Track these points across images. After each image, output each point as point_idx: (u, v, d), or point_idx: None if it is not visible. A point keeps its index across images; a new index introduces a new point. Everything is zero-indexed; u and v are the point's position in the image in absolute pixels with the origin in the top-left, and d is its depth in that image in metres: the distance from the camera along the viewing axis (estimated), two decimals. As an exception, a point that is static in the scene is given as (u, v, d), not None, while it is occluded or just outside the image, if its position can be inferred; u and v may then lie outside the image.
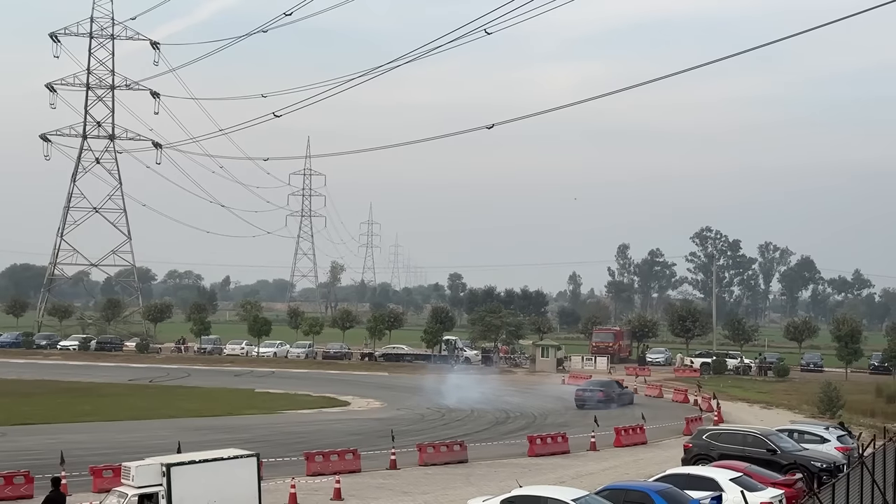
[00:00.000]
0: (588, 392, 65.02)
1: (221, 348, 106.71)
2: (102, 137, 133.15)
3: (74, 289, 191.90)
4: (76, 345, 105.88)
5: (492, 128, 40.88)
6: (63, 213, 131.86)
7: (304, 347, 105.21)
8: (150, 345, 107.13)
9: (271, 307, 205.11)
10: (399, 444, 41.16)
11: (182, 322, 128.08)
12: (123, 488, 24.08)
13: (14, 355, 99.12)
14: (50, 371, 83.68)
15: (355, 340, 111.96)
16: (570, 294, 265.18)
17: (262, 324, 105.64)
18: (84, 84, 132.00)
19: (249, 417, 56.91)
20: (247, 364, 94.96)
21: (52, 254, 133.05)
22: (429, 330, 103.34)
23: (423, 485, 35.42)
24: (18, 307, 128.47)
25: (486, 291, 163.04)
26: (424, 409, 61.63)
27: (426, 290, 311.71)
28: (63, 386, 70.96)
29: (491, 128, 40.86)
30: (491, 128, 40.86)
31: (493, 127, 40.94)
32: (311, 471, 36.99)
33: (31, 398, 62.99)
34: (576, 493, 25.56)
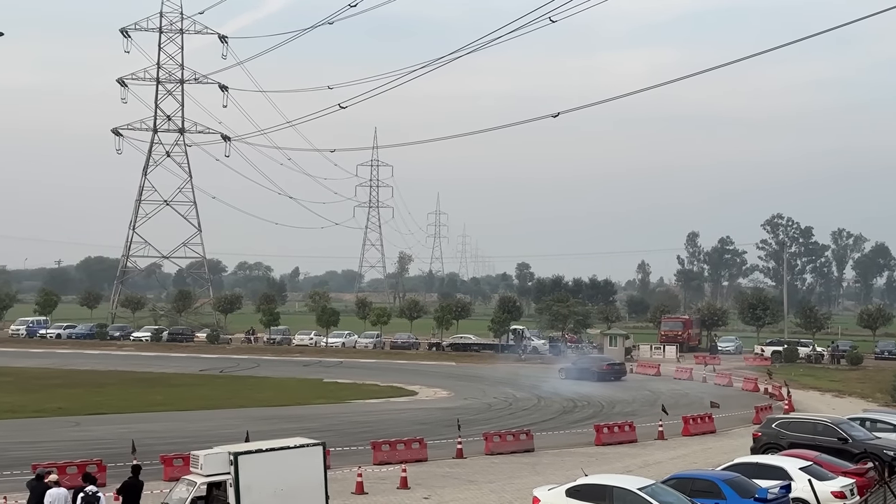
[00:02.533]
0: (572, 366, 75.34)
1: (290, 339, 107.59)
2: (172, 131, 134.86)
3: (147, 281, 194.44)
4: (148, 336, 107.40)
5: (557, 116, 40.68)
6: (135, 207, 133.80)
7: (372, 337, 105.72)
8: (221, 335, 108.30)
9: (340, 298, 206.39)
10: (465, 434, 41.21)
11: (252, 313, 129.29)
12: (192, 476, 24.34)
13: (88, 346, 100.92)
14: (123, 362, 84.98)
15: (423, 330, 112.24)
16: (638, 283, 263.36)
17: (330, 314, 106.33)
18: (154, 78, 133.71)
19: (317, 407, 57.33)
20: (315, 354, 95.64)
21: (125, 246, 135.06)
22: (496, 319, 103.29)
23: (490, 473, 35.43)
24: (92, 299, 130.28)
25: (553, 281, 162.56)
26: (491, 399, 61.62)
27: (494, 280, 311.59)
28: (135, 376, 72.02)
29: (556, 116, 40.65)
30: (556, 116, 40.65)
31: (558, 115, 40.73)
32: (378, 460, 37.17)
33: (104, 388, 64.03)
34: (642, 481, 25.40)
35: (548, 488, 26.90)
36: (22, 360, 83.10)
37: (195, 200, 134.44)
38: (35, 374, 71.55)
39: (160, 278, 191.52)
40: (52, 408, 53.37)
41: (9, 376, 69.41)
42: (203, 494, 24.24)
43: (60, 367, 77.68)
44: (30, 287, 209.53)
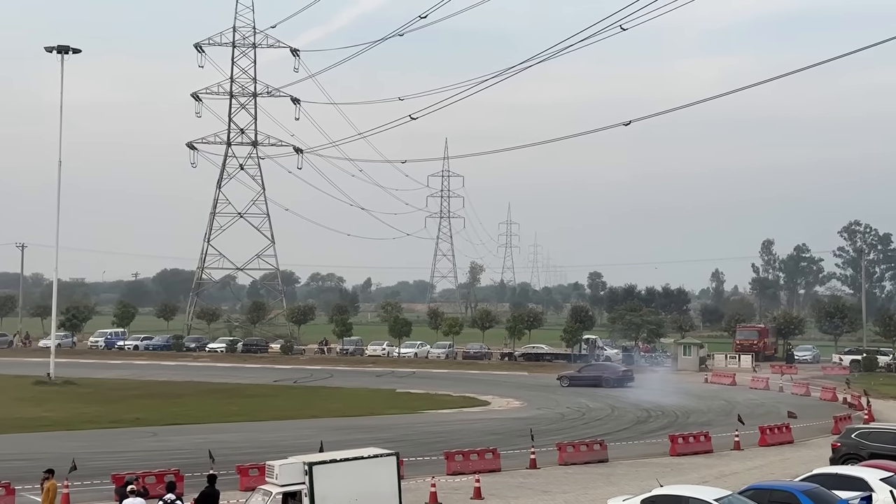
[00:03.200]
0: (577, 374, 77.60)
1: (363, 349, 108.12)
2: (246, 144, 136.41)
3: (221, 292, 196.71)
4: (223, 347, 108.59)
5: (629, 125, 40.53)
6: (209, 219, 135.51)
7: (445, 348, 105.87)
8: (294, 346, 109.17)
9: (412, 308, 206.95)
10: (539, 444, 41.07)
11: (325, 324, 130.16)
12: (268, 486, 24.54)
13: (165, 357, 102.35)
14: (199, 373, 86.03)
15: (495, 340, 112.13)
16: (712, 291, 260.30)
17: (402, 325, 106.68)
18: (227, 92, 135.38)
19: (390, 417, 57.52)
20: (388, 364, 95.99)
21: (200, 259, 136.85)
22: (568, 329, 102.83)
23: (563, 484, 35.25)
24: (169, 311, 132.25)
25: (626, 290, 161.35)
26: (564, 409, 61.35)
27: (566, 290, 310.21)
28: (211, 387, 72.86)
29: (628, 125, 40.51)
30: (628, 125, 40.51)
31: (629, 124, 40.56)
32: (451, 470, 37.17)
33: (180, 399, 64.86)
34: (718, 492, 25.08)
35: (622, 499, 26.69)
36: (101, 371, 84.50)
37: (268, 212, 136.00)
38: (113, 385, 72.74)
39: (235, 290, 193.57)
40: (130, 418, 54.20)
41: (88, 387, 70.67)
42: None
43: (138, 379, 78.87)
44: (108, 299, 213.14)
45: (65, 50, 76.13)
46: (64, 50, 76.11)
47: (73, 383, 71.89)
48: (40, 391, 67.97)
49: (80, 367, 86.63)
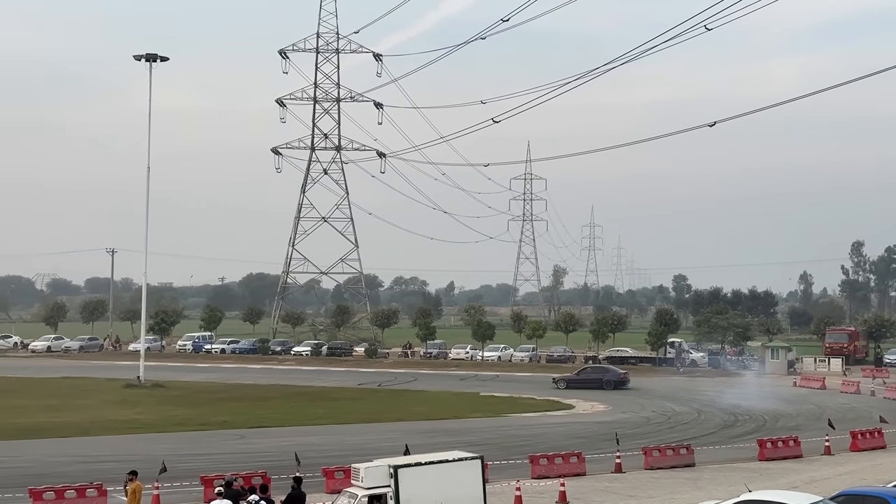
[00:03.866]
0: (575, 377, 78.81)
1: (447, 352, 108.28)
2: (329, 149, 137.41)
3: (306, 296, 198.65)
4: (308, 350, 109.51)
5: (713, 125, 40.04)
6: (294, 224, 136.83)
7: (528, 351, 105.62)
8: (378, 350, 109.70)
9: (495, 311, 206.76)
10: (624, 448, 40.77)
11: (408, 327, 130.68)
12: (354, 489, 24.68)
13: (251, 361, 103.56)
14: (284, 376, 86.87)
15: (579, 343, 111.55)
16: (800, 294, 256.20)
17: (485, 328, 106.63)
18: (311, 98, 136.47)
19: (474, 420, 57.51)
20: (471, 368, 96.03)
21: (285, 263, 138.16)
22: (653, 332, 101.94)
23: (649, 488, 34.93)
24: (254, 315, 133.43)
25: (711, 292, 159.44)
26: (650, 413, 60.82)
27: (650, 293, 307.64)
28: (296, 390, 73.51)
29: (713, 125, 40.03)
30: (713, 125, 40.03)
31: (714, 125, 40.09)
32: (536, 473, 37.05)
33: (266, 402, 65.54)
34: (809, 498, 24.65)
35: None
36: (189, 374, 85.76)
37: (352, 217, 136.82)
38: (201, 388, 73.76)
39: (319, 294, 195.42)
40: (217, 421, 54.92)
41: (177, 390, 71.77)
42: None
43: (225, 382, 79.87)
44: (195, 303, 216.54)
45: (153, 58, 77.39)
46: (152, 58, 77.38)
47: (162, 386, 73.09)
48: (130, 394, 69.21)
49: (169, 370, 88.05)
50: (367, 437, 48.47)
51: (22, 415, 56.09)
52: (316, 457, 39.11)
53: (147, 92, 77.07)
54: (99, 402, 63.37)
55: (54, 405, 61.11)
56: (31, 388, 72.29)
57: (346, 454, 40.18)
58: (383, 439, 46.64)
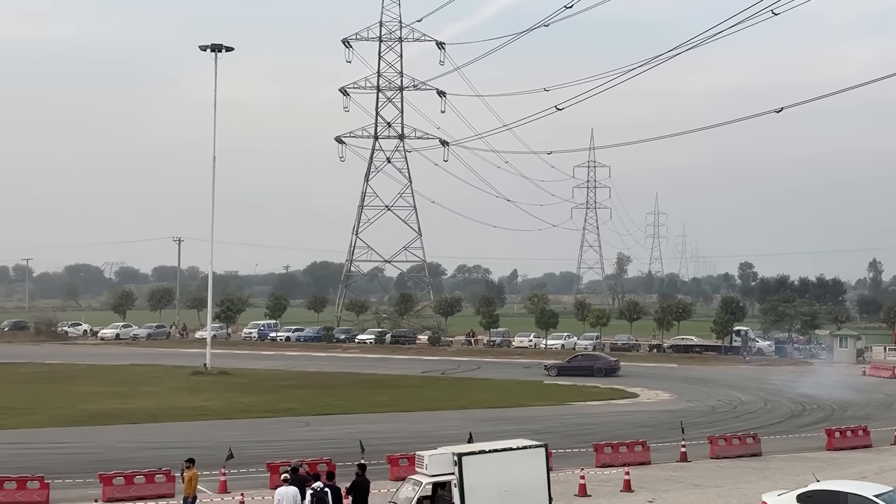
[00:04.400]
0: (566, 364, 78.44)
1: (510, 341, 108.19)
2: (392, 137, 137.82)
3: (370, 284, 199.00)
4: (372, 338, 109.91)
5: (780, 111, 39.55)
6: (358, 212, 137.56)
7: (592, 339, 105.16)
8: (442, 338, 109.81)
9: (558, 299, 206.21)
10: (689, 437, 40.52)
11: (471, 315, 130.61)
12: (418, 476, 24.81)
13: (316, 349, 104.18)
14: (348, 363, 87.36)
15: (643, 332, 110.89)
16: (869, 282, 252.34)
17: (549, 316, 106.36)
18: (374, 87, 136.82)
19: (538, 409, 57.44)
20: (535, 356, 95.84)
21: (349, 251, 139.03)
22: (719, 320, 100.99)
23: (715, 478, 34.69)
24: (319, 303, 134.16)
25: (778, 280, 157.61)
26: (715, 402, 60.31)
27: (715, 280, 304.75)
28: (361, 378, 73.88)
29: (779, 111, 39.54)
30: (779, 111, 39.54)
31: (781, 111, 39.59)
32: (600, 462, 36.95)
33: (331, 390, 65.96)
34: (879, 488, 24.33)
35: (777, 494, 26.12)
36: (254, 362, 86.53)
37: (415, 205, 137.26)
38: (267, 376, 74.41)
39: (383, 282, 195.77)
40: (283, 408, 55.41)
41: (243, 378, 72.47)
42: (428, 494, 24.67)
43: (290, 369, 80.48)
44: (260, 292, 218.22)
45: (218, 48, 77.91)
46: (217, 48, 77.90)
47: (228, 374, 73.84)
48: (197, 381, 70.00)
49: (235, 357, 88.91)
50: (431, 425, 48.65)
51: (92, 401, 57.06)
52: (380, 444, 39.32)
53: (212, 82, 77.93)
54: (166, 389, 64.21)
55: (123, 392, 62.03)
56: (100, 374, 73.44)
57: (410, 442, 40.38)
58: (447, 427, 46.77)
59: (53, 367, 79.08)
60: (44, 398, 58.41)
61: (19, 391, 62.05)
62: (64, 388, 64.22)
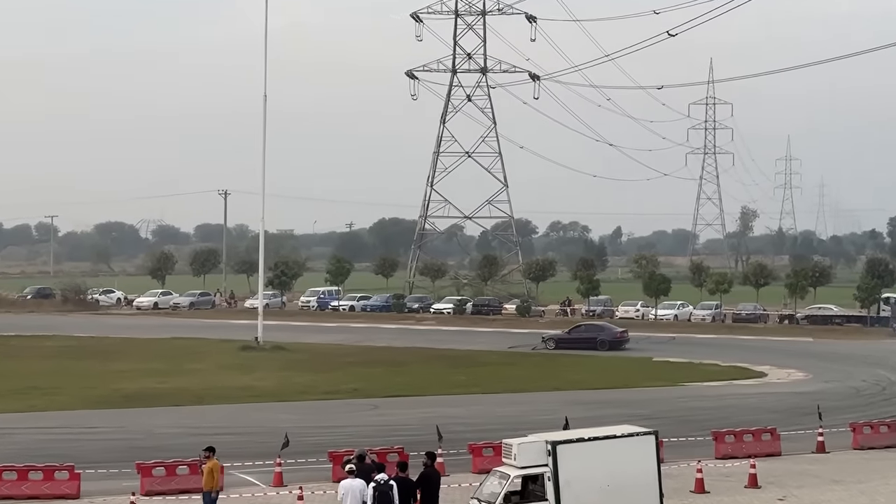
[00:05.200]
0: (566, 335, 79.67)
1: (613, 310, 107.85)
2: (473, 71, 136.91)
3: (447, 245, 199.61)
4: (450, 308, 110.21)
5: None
6: (433, 160, 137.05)
7: (710, 309, 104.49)
8: (532, 307, 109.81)
9: (670, 262, 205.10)
10: (827, 423, 40.12)
11: (567, 281, 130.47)
12: (505, 468, 24.88)
13: (384, 320, 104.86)
14: (423, 337, 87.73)
15: (771, 300, 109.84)
16: None
17: (659, 281, 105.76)
18: (452, 11, 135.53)
19: (646, 390, 57.29)
20: (642, 328, 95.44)
21: (423, 206, 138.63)
22: (863, 286, 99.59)
23: (859, 472, 34.35)
24: (388, 267, 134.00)
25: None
26: (859, 382, 59.64)
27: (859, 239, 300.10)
28: (437, 354, 74.18)
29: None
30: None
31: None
32: (721, 453, 36.78)
33: (403, 367, 66.38)
34: None
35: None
36: (313, 335, 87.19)
37: (500, 151, 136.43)
38: (328, 351, 75.05)
39: (462, 242, 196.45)
40: (347, 389, 55.88)
41: (300, 353, 73.17)
42: (517, 489, 24.76)
43: (355, 344, 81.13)
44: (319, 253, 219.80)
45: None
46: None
47: (283, 349, 74.61)
48: (247, 357, 70.86)
49: (291, 330, 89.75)
50: (520, 409, 48.76)
51: (127, 380, 58.07)
52: (461, 431, 39.53)
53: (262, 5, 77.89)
54: (212, 367, 65.12)
55: (162, 370, 63.04)
56: (136, 350, 74.69)
57: (495, 428, 40.48)
58: (538, 411, 46.89)
59: (82, 341, 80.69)
60: (72, 376, 59.61)
61: (44, 368, 63.36)
62: (95, 364, 65.44)
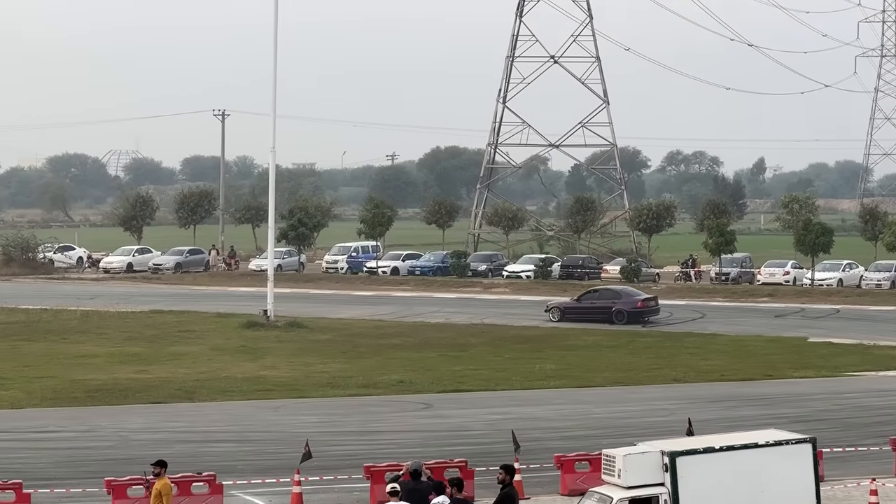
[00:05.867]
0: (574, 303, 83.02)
1: (753, 272, 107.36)
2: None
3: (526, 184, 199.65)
4: (530, 270, 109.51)
5: None
6: (505, 67, 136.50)
7: (889, 270, 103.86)
8: (643, 268, 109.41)
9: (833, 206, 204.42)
10: None
11: (690, 232, 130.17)
12: (605, 488, 24.89)
13: (440, 287, 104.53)
14: (491, 309, 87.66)
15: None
16: None
17: (817, 233, 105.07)
18: None
19: (799, 382, 57.16)
20: (792, 297, 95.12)
21: (491, 131, 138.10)
22: None
23: None
24: (444, 213, 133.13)
25: None
26: None
27: None
28: (511, 333, 74.14)
29: None
30: None
31: None
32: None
33: (465, 352, 66.19)
34: None
35: None
36: (342, 308, 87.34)
37: (598, 55, 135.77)
38: (362, 330, 75.07)
39: (547, 179, 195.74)
40: (388, 381, 55.85)
41: (325, 332, 73.34)
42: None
43: (399, 320, 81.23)
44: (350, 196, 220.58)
45: None
46: None
47: (301, 326, 74.80)
48: (254, 338, 71.05)
49: (312, 300, 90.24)
50: (625, 408, 48.91)
51: (94, 368, 58.48)
52: (544, 438, 39.66)
53: None
54: (209, 351, 65.45)
55: (141, 354, 63.44)
56: (105, 327, 75.20)
57: (591, 434, 40.67)
58: (649, 411, 47.04)
59: (33, 316, 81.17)
60: (19, 363, 60.05)
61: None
62: (51, 347, 66.03)
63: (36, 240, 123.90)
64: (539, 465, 35.05)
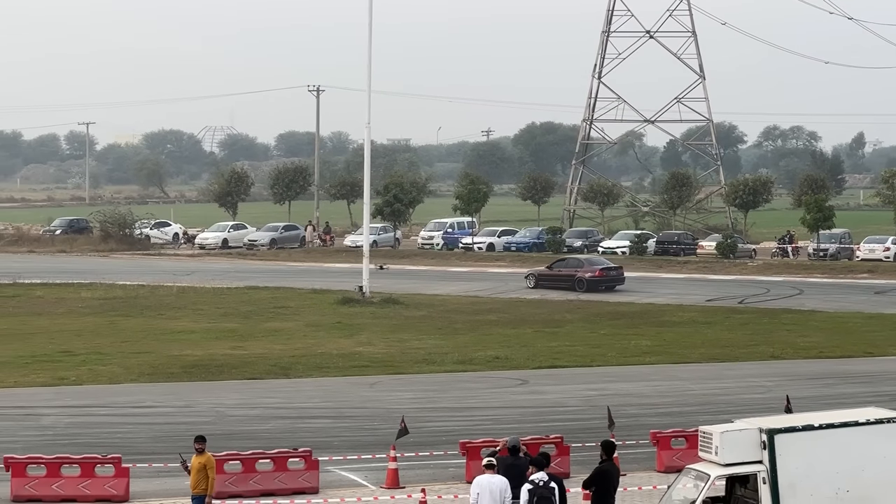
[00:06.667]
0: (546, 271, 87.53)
1: (852, 249, 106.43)
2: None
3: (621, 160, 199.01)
4: (626, 246, 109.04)
5: None
6: (600, 42, 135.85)
7: None
8: (739, 245, 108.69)
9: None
10: None
11: (787, 208, 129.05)
12: (703, 465, 24.71)
13: (535, 263, 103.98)
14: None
15: None
16: None
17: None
18: None
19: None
20: (893, 274, 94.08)
21: (586, 107, 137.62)
22: None
23: None
24: (538, 189, 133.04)
25: None
26: None
27: None
28: (608, 309, 73.89)
29: None
30: None
31: None
32: None
33: (561, 328, 66.09)
34: None
35: None
36: (437, 283, 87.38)
37: (694, 30, 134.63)
38: (457, 306, 75.07)
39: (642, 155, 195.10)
40: (484, 357, 55.89)
41: (421, 308, 73.40)
42: (720, 495, 24.66)
43: (494, 296, 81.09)
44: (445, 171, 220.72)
45: None
46: None
47: (397, 302, 74.90)
48: (349, 314, 71.23)
49: (408, 277, 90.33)
50: (721, 385, 48.73)
51: (190, 344, 58.93)
52: (640, 414, 39.59)
53: None
54: (304, 327, 65.65)
55: (236, 330, 63.84)
56: (201, 302, 75.68)
57: (689, 411, 40.53)
58: (747, 388, 46.84)
59: (130, 292, 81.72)
60: (117, 339, 60.57)
61: (81, 327, 64.50)
62: (147, 323, 66.59)
63: (132, 216, 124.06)
64: (635, 442, 34.97)
